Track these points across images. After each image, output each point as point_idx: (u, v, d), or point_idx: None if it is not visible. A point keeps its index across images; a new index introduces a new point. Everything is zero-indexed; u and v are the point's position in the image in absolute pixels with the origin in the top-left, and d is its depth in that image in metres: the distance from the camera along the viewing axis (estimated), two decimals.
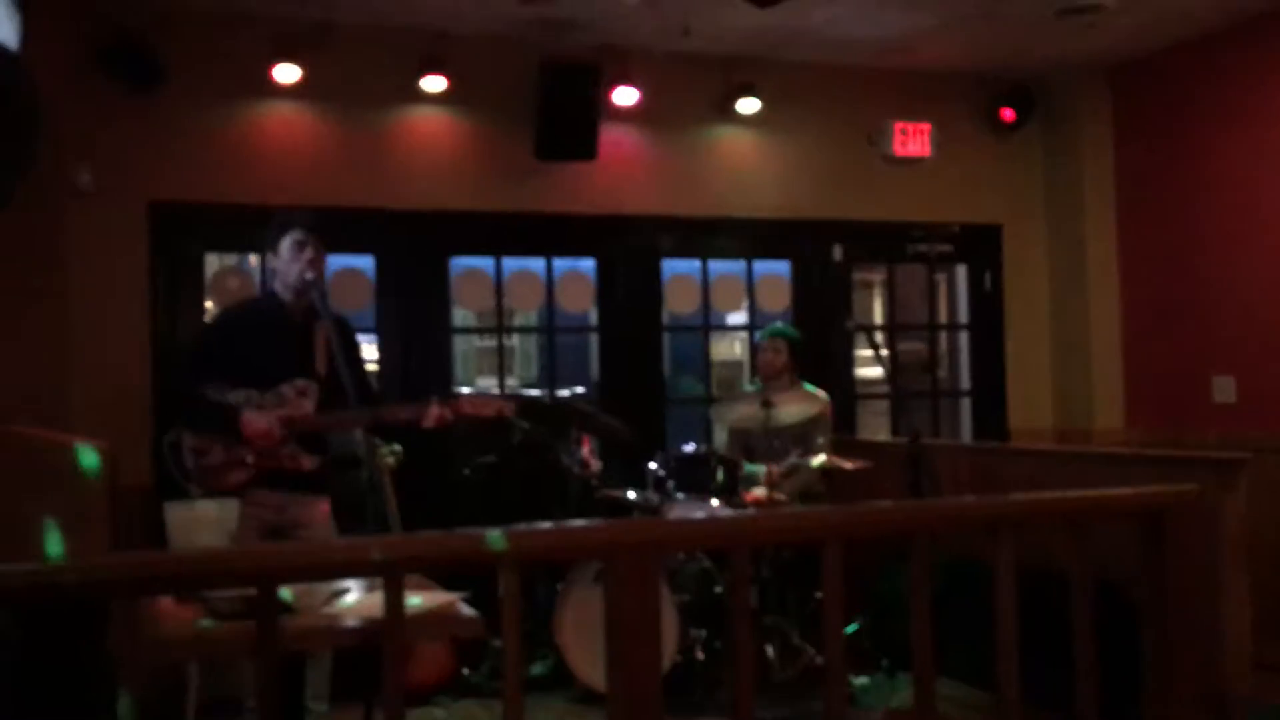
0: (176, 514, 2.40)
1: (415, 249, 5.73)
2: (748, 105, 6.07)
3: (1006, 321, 6.73)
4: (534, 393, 6.59)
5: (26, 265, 4.75)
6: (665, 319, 6.23)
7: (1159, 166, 6.35)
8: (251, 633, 1.50)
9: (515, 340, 8.08)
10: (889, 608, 4.84)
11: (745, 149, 6.27)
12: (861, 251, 6.55)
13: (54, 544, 1.90)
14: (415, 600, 2.22)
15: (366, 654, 1.74)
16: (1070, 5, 5.50)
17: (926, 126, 6.41)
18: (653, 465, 4.82)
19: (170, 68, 5.18)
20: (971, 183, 6.66)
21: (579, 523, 1.79)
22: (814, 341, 5.99)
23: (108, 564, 1.45)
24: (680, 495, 4.67)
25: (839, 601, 1.79)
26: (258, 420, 3.50)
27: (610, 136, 5.86)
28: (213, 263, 5.60)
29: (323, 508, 3.68)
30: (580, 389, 6.84)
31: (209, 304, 5.46)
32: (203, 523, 2.38)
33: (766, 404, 4.91)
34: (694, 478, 4.74)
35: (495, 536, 1.55)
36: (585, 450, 5.07)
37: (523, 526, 1.60)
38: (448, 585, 2.47)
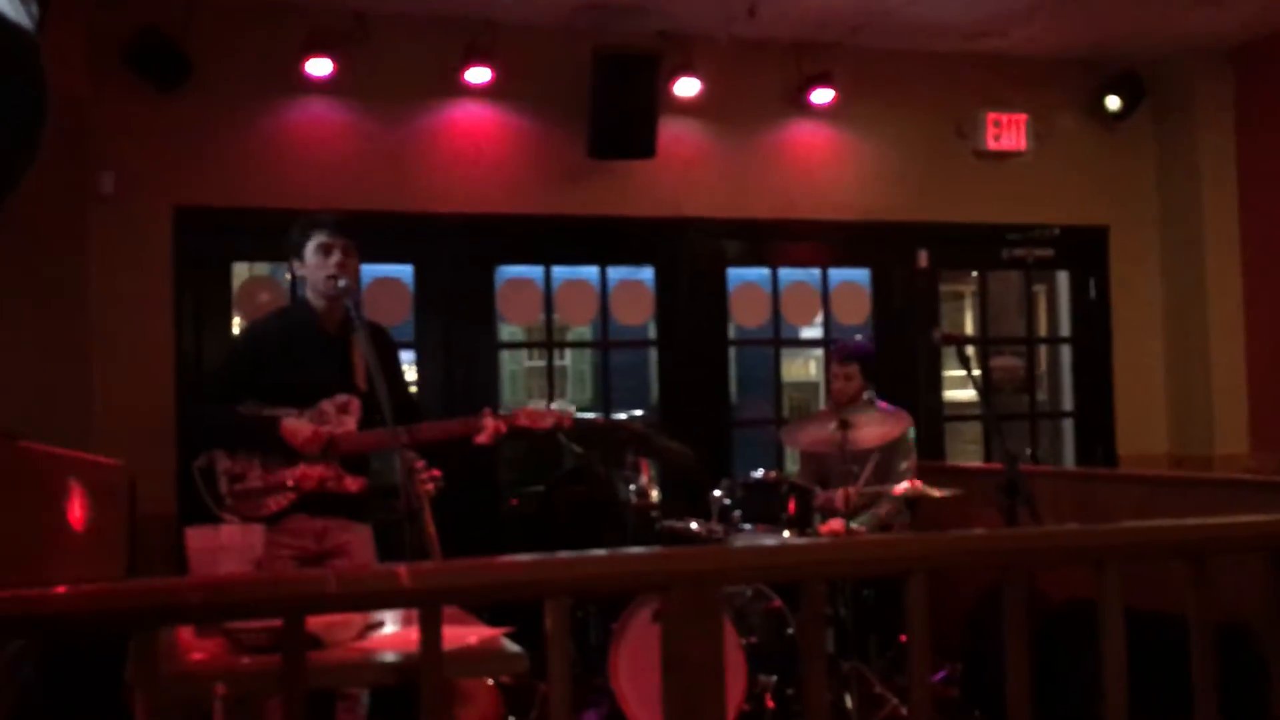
0: (198, 540, 2.42)
1: (458, 257, 5.73)
2: (822, 96, 6.02)
3: (1114, 334, 6.62)
4: (588, 415, 6.59)
5: (46, 272, 4.81)
6: (731, 333, 6.16)
7: None
8: (277, 667, 1.50)
9: (567, 358, 8.11)
10: (983, 653, 4.74)
11: (820, 144, 6.17)
12: (950, 257, 6.43)
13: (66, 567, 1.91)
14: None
15: (407, 694, 1.74)
16: None
17: (1023, 117, 6.33)
18: (717, 493, 4.79)
19: (196, 64, 5.22)
20: (1074, 180, 6.53)
21: (633, 551, 1.74)
22: (896, 358, 5.90)
23: (123, 591, 1.45)
24: (747, 526, 4.66)
25: (925, 643, 1.73)
26: (302, 426, 3.51)
27: (670, 132, 5.82)
28: (241, 272, 5.66)
29: (365, 534, 3.70)
30: (638, 411, 6.78)
31: (237, 318, 5.55)
32: (226, 549, 2.39)
33: (843, 424, 4.80)
34: (763, 507, 4.72)
35: (541, 564, 1.56)
36: (644, 477, 5.08)
37: (570, 554, 1.60)
38: (491, 623, 2.47)
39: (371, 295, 5.30)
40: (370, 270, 5.32)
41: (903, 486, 4.78)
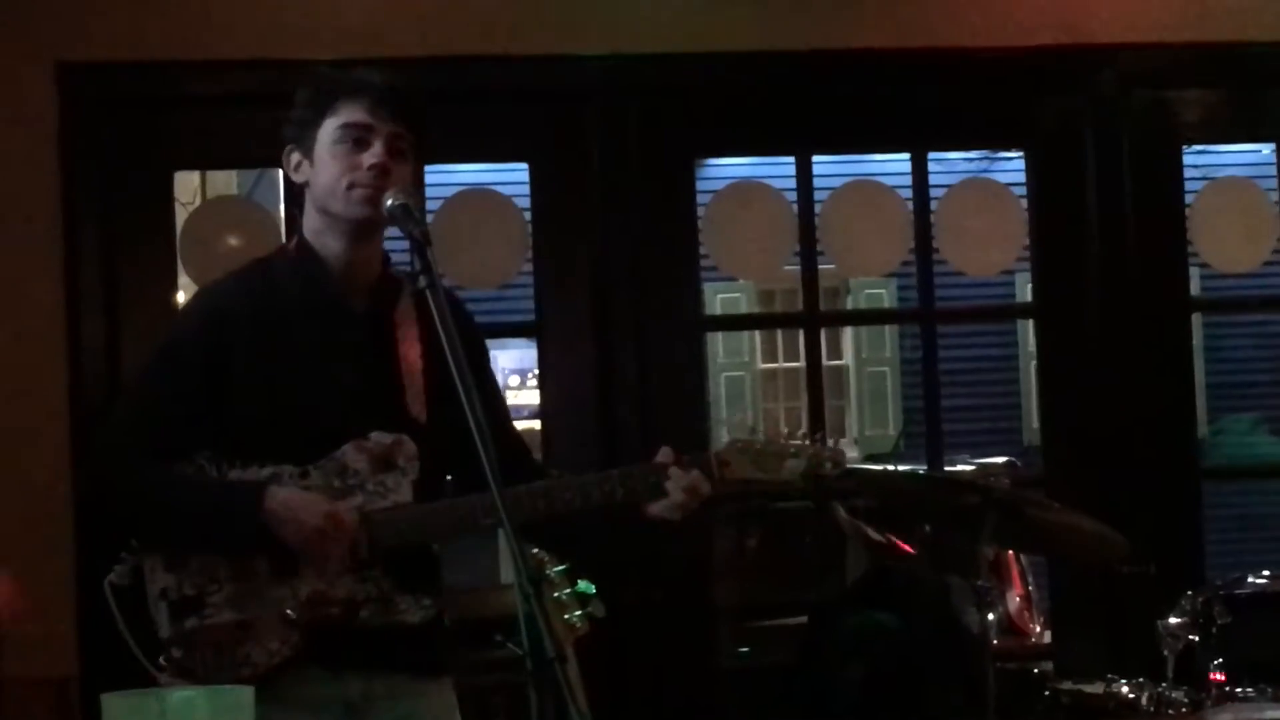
0: (125, 717, 2.12)
1: (618, 145, 4.35)
2: None
3: None
4: (893, 468, 5.80)
5: None
6: (1195, 286, 4.95)
7: None
8: None
9: (846, 349, 7.02)
10: None
11: None
12: None
13: None
14: None
15: None
16: None
17: None
18: (1174, 621, 3.82)
19: None
20: None
21: None
22: None
23: None
24: (1244, 691, 3.66)
25: None
26: (307, 507, 2.61)
27: None
28: (188, 186, 4.90)
29: (443, 699, 2.82)
30: (999, 458, 5.62)
31: (182, 279, 4.35)
32: None
33: None
34: (1275, 649, 3.84)
35: None
36: (1015, 592, 4.76)
37: None
38: None
39: (445, 224, 4.10)
40: (439, 176, 4.25)
41: None
